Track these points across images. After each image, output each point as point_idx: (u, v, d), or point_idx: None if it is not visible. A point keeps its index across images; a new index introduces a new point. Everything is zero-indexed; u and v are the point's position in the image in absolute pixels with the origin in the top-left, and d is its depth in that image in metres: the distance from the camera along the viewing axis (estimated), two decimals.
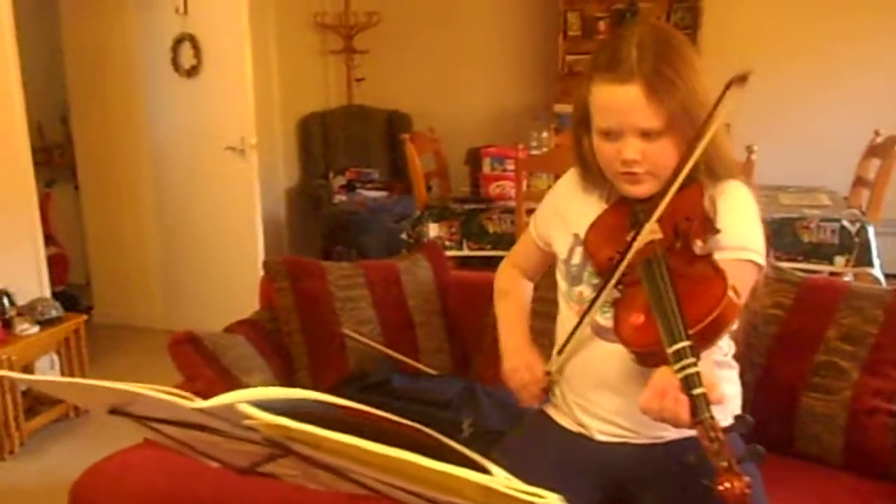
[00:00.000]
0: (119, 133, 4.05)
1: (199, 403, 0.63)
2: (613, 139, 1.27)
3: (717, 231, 1.23)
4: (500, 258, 3.55)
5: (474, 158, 3.98)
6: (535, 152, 3.78)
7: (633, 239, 1.22)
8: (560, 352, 1.42)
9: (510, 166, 3.65)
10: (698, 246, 1.22)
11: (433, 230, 3.53)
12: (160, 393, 0.64)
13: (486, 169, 3.70)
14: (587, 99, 1.31)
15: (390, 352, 2.07)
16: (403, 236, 3.62)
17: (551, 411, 1.47)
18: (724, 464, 0.94)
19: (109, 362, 3.68)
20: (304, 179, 5.31)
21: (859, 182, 3.61)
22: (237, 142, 3.58)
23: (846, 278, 2.95)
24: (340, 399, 0.63)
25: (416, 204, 3.77)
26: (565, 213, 1.47)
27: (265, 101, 4.46)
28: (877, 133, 3.67)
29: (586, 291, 1.38)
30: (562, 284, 1.45)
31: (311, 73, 5.51)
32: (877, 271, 3.06)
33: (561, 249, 1.46)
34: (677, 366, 1.02)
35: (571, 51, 5.25)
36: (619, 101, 1.24)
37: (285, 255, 4.03)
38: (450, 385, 1.94)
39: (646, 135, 1.25)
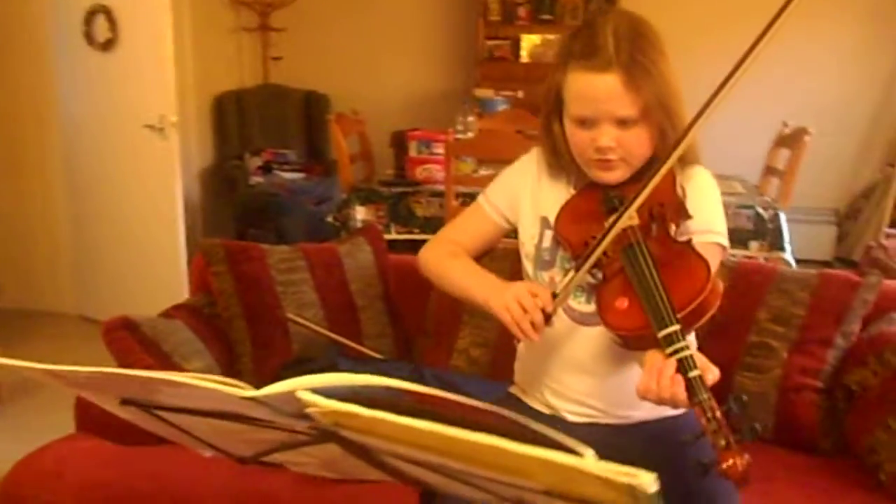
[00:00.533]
0: (26, 109, 3.84)
1: (253, 392, 0.60)
2: (588, 126, 1.29)
3: (689, 216, 1.27)
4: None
5: (399, 141, 3.96)
6: (460, 136, 3.78)
7: (613, 224, 1.24)
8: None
9: (437, 150, 3.65)
10: (673, 230, 1.25)
11: (360, 213, 3.50)
12: (209, 382, 0.61)
13: (413, 152, 3.68)
14: (560, 86, 1.31)
15: (335, 336, 2.04)
16: (329, 219, 3.57)
17: (519, 395, 1.49)
18: (723, 442, 0.98)
19: (21, 350, 3.50)
20: (218, 160, 5.16)
21: (769, 171, 3.78)
22: (156, 120, 3.44)
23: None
24: (406, 383, 0.62)
25: (342, 187, 3.72)
26: (532, 196, 1.47)
27: (178, 78, 4.31)
28: (785, 124, 3.84)
29: (558, 276, 1.39)
30: (527, 268, 1.46)
31: (224, 50, 5.34)
32: (788, 256, 3.22)
33: (529, 232, 1.46)
34: (670, 349, 1.05)
35: (491, 35, 5.30)
36: (597, 90, 1.25)
37: (210, 237, 3.91)
38: (397, 369, 1.93)
39: (621, 123, 1.27)
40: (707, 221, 1.31)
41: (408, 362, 2.04)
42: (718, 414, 1.00)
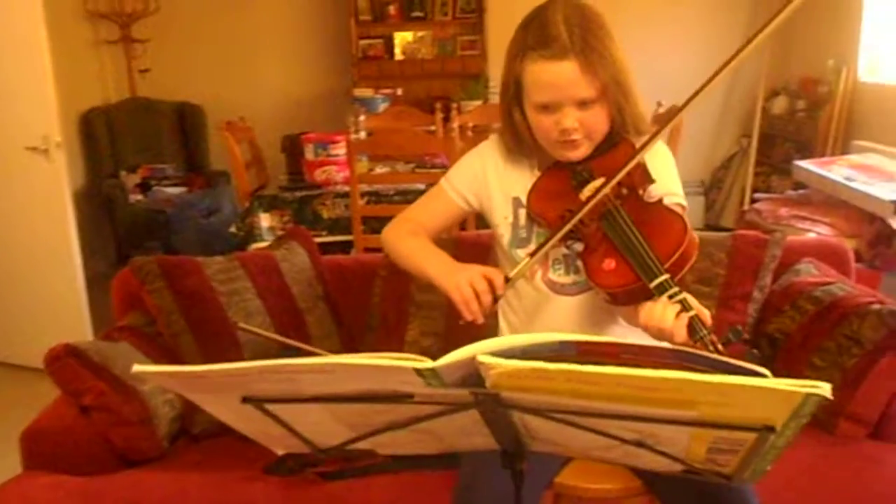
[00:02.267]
0: None
1: (434, 363, 0.63)
2: (551, 111, 1.37)
3: (653, 180, 1.38)
4: (338, 243, 3.56)
5: (292, 146, 3.92)
6: (354, 136, 3.79)
7: (594, 195, 1.32)
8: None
9: (334, 151, 3.64)
10: (641, 194, 1.35)
11: (265, 220, 3.44)
12: (388, 360, 0.63)
13: (310, 155, 3.65)
14: (519, 76, 1.38)
15: (289, 341, 2.01)
16: (232, 230, 3.50)
17: None
18: None
19: None
20: (92, 180, 4.92)
21: None
22: (39, 141, 3.24)
23: None
24: (576, 335, 0.65)
25: (239, 195, 3.65)
26: (498, 180, 1.54)
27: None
28: (659, 104, 4.08)
29: None
30: (503, 245, 1.52)
31: (86, 65, 5.10)
32: None
33: (502, 213, 1.52)
34: (664, 296, 1.15)
35: (364, 35, 5.32)
36: (557, 77, 1.33)
37: (90, 261, 3.71)
38: None
39: (581, 104, 1.35)
40: (667, 185, 1.42)
41: None
42: (721, 347, 1.10)
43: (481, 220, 1.73)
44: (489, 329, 2.09)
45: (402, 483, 1.69)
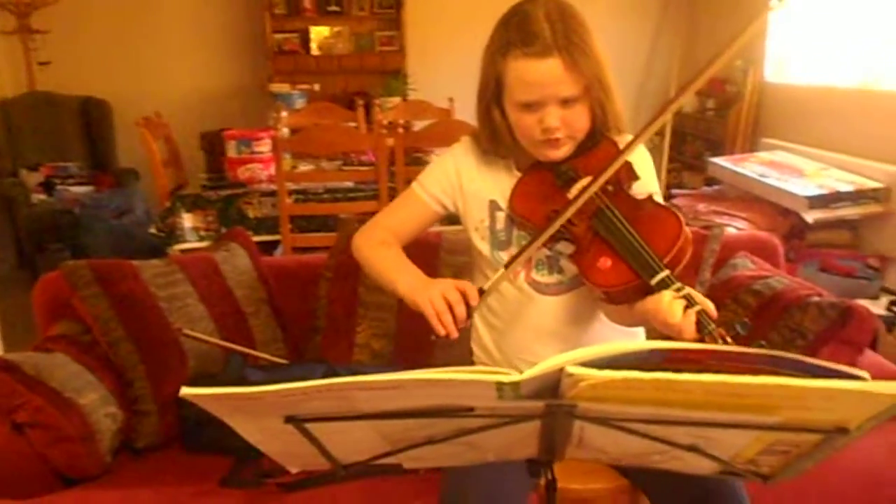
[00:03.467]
0: None
1: (520, 376, 0.59)
2: (534, 110, 1.34)
3: (637, 177, 1.37)
4: (266, 243, 3.46)
5: (211, 143, 3.78)
6: (277, 133, 3.69)
7: (581, 194, 1.30)
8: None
9: (258, 148, 3.53)
10: (629, 191, 1.35)
11: (187, 220, 3.30)
12: (473, 374, 0.59)
13: (232, 153, 3.53)
14: (501, 74, 1.35)
15: (236, 346, 1.95)
16: (152, 230, 3.34)
17: None
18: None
19: None
20: None
21: None
22: None
23: None
24: (664, 343, 0.63)
25: (159, 194, 3.49)
26: (472, 183, 1.50)
27: None
28: None
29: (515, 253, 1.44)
30: (482, 249, 1.49)
31: None
32: None
33: (478, 216, 1.49)
34: (667, 292, 1.14)
35: (278, 29, 5.19)
36: (541, 75, 1.30)
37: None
38: (308, 370, 1.89)
39: (564, 102, 1.33)
40: (647, 182, 1.42)
41: (313, 362, 1.99)
42: (729, 339, 1.10)
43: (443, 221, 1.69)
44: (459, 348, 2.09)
45: (367, 490, 1.65)
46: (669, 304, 1.14)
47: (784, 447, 0.69)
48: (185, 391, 0.64)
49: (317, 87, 5.17)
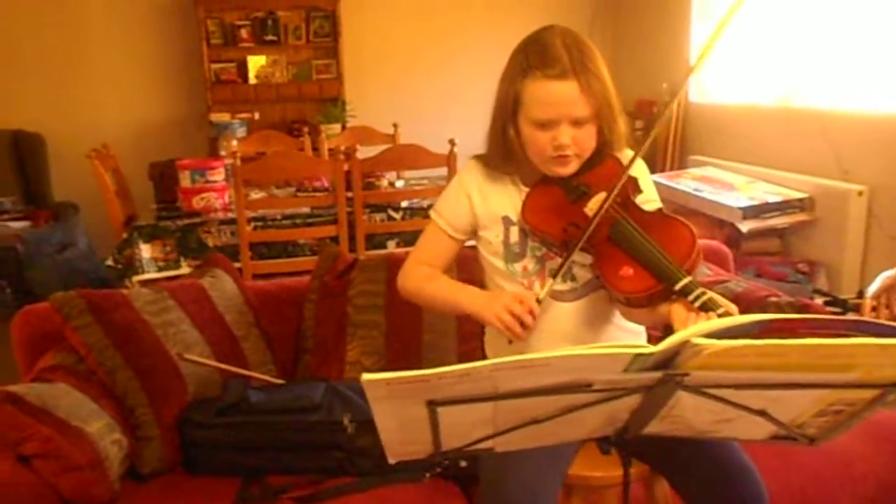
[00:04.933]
0: None
1: (653, 348, 0.69)
2: (548, 128, 1.45)
3: (641, 190, 1.50)
4: None
5: (160, 173, 3.78)
6: (229, 161, 3.72)
7: (601, 208, 1.42)
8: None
9: (212, 177, 3.56)
10: (637, 203, 1.47)
11: (146, 251, 3.29)
12: (620, 349, 0.68)
13: (186, 182, 3.54)
14: (519, 93, 1.46)
15: (236, 369, 1.98)
16: (109, 262, 3.31)
17: None
18: None
19: None
20: None
21: None
22: None
23: None
24: (767, 315, 0.73)
25: (114, 226, 3.47)
26: (482, 203, 1.60)
27: None
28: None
29: (530, 264, 1.55)
30: (497, 264, 1.59)
31: None
32: None
33: (493, 233, 1.59)
34: (691, 297, 1.26)
35: (215, 59, 5.20)
36: (560, 96, 1.42)
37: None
38: (309, 388, 1.94)
39: (576, 122, 1.45)
40: (649, 192, 1.55)
41: (313, 380, 2.04)
42: None
43: None
44: (445, 352, 2.17)
45: (380, 499, 1.71)
46: (695, 319, 1.23)
47: (840, 406, 0.81)
48: (367, 376, 0.70)
49: (256, 115, 5.20)
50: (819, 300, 3.42)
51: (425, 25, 5.54)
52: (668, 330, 1.32)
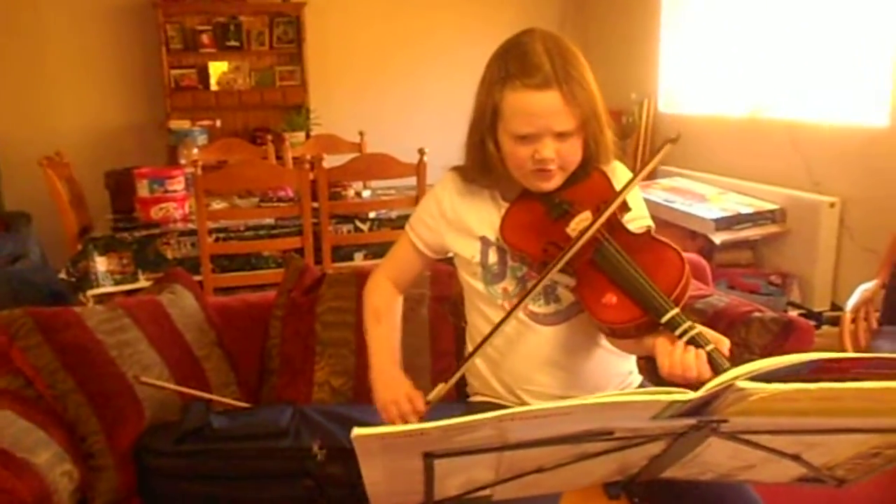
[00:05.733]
0: None
1: (693, 394, 0.60)
2: (529, 142, 1.34)
3: (629, 209, 1.40)
4: None
5: (118, 182, 3.63)
6: (189, 170, 3.58)
7: (585, 231, 1.31)
8: (467, 358, 1.44)
9: (172, 187, 3.42)
10: (624, 223, 1.38)
11: (101, 264, 3.14)
12: (653, 395, 0.59)
13: (144, 192, 3.40)
14: (498, 105, 1.35)
15: (196, 392, 1.86)
16: (62, 275, 3.15)
17: (490, 401, 1.51)
18: None
19: None
20: None
21: None
22: None
23: None
24: (818, 354, 0.65)
25: (69, 236, 3.31)
26: (460, 219, 1.50)
27: None
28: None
29: (510, 286, 1.44)
30: (477, 286, 1.48)
31: None
32: None
33: (469, 253, 1.48)
34: (678, 331, 1.16)
35: (175, 64, 5.05)
36: (541, 107, 1.31)
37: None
38: (276, 412, 1.82)
39: (560, 135, 1.34)
40: (637, 208, 1.45)
41: (280, 403, 1.92)
42: None
43: None
44: (419, 370, 2.07)
45: None
46: (681, 356, 1.13)
47: (880, 449, 0.73)
48: (357, 431, 0.60)
49: (218, 123, 5.05)
50: (793, 313, 3.39)
51: (392, 31, 5.44)
52: (652, 362, 1.24)
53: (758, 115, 4.12)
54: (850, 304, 2.58)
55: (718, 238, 3.62)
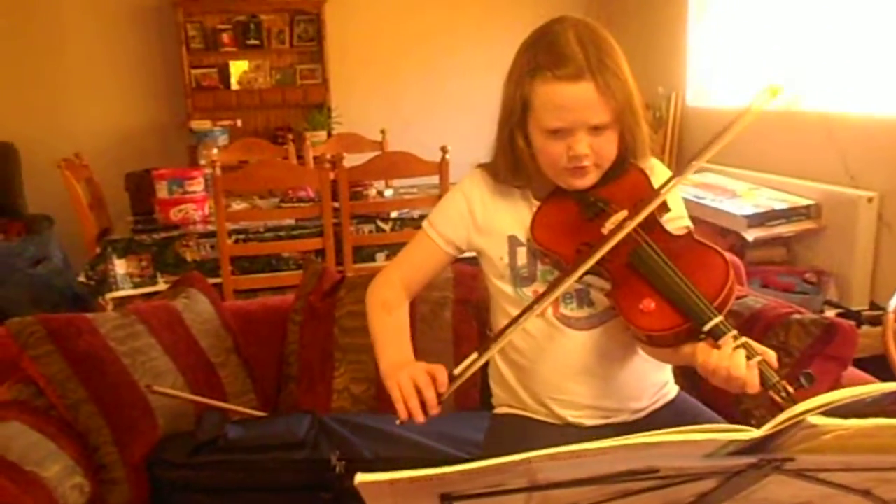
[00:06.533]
0: None
1: (758, 432, 0.51)
2: (562, 136, 1.26)
3: (669, 209, 1.31)
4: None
5: (137, 184, 3.59)
6: (209, 171, 3.53)
7: (617, 230, 1.23)
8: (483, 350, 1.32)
9: (191, 188, 3.37)
10: (663, 223, 1.29)
11: (120, 267, 3.10)
12: (709, 434, 0.51)
13: (163, 193, 3.35)
14: (528, 98, 1.27)
15: (211, 401, 1.80)
16: (81, 279, 3.11)
17: (517, 412, 1.43)
18: None
19: None
20: None
21: None
22: None
23: None
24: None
25: (87, 240, 3.27)
26: (487, 218, 1.42)
27: None
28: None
29: (541, 289, 1.35)
30: (505, 289, 1.40)
31: None
32: None
33: (497, 254, 1.40)
34: (720, 341, 1.07)
35: (196, 64, 5.01)
36: (574, 99, 1.23)
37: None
38: (294, 422, 1.76)
39: (594, 129, 1.26)
40: (677, 208, 1.37)
41: (298, 412, 1.86)
42: (792, 391, 1.04)
43: None
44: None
45: None
46: (731, 353, 1.06)
47: None
48: (362, 478, 0.53)
49: (239, 122, 5.02)
50: (830, 312, 3.27)
51: (412, 28, 5.36)
52: (690, 371, 1.15)
53: (790, 106, 3.99)
54: (893, 303, 2.46)
55: (751, 235, 3.50)
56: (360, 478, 0.54)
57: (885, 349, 2.37)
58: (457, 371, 1.22)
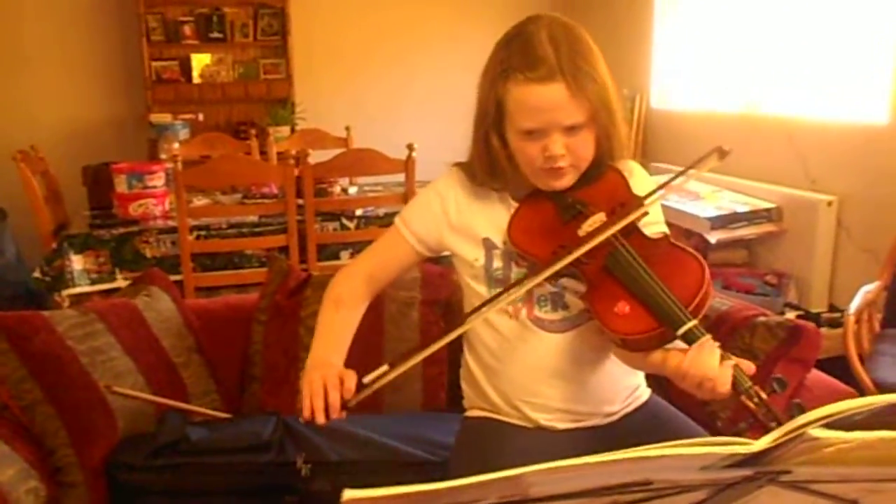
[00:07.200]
0: None
1: (759, 445, 0.50)
2: (537, 137, 1.26)
3: (646, 212, 1.31)
4: None
5: (96, 177, 3.50)
6: (170, 165, 3.46)
7: (594, 234, 1.23)
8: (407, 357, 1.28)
9: (151, 182, 3.31)
10: (641, 227, 1.28)
11: (77, 263, 3.02)
12: (708, 447, 0.49)
13: (122, 188, 3.28)
14: (502, 100, 1.27)
15: (172, 402, 1.76)
16: (36, 275, 3.03)
17: (487, 415, 1.41)
18: (774, 424, 1.01)
19: None
20: None
21: None
22: None
23: None
24: None
25: (42, 234, 3.19)
26: (465, 219, 1.40)
27: None
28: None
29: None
30: (479, 289, 1.39)
31: None
32: None
33: (471, 256, 1.39)
34: (695, 345, 1.08)
35: (157, 56, 4.91)
36: (545, 100, 1.22)
37: None
38: (258, 424, 1.72)
39: (569, 129, 1.25)
40: (655, 213, 1.36)
41: (264, 414, 1.82)
42: (765, 396, 1.05)
43: None
44: (408, 379, 1.96)
45: None
46: (708, 355, 1.07)
47: None
48: (349, 494, 0.50)
49: (200, 116, 4.93)
50: (791, 314, 3.32)
51: (379, 24, 5.32)
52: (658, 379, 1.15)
53: (751, 111, 4.04)
54: (854, 307, 2.50)
55: (713, 237, 3.54)
56: (348, 494, 0.52)
57: (846, 351, 2.41)
58: (366, 380, 1.23)
